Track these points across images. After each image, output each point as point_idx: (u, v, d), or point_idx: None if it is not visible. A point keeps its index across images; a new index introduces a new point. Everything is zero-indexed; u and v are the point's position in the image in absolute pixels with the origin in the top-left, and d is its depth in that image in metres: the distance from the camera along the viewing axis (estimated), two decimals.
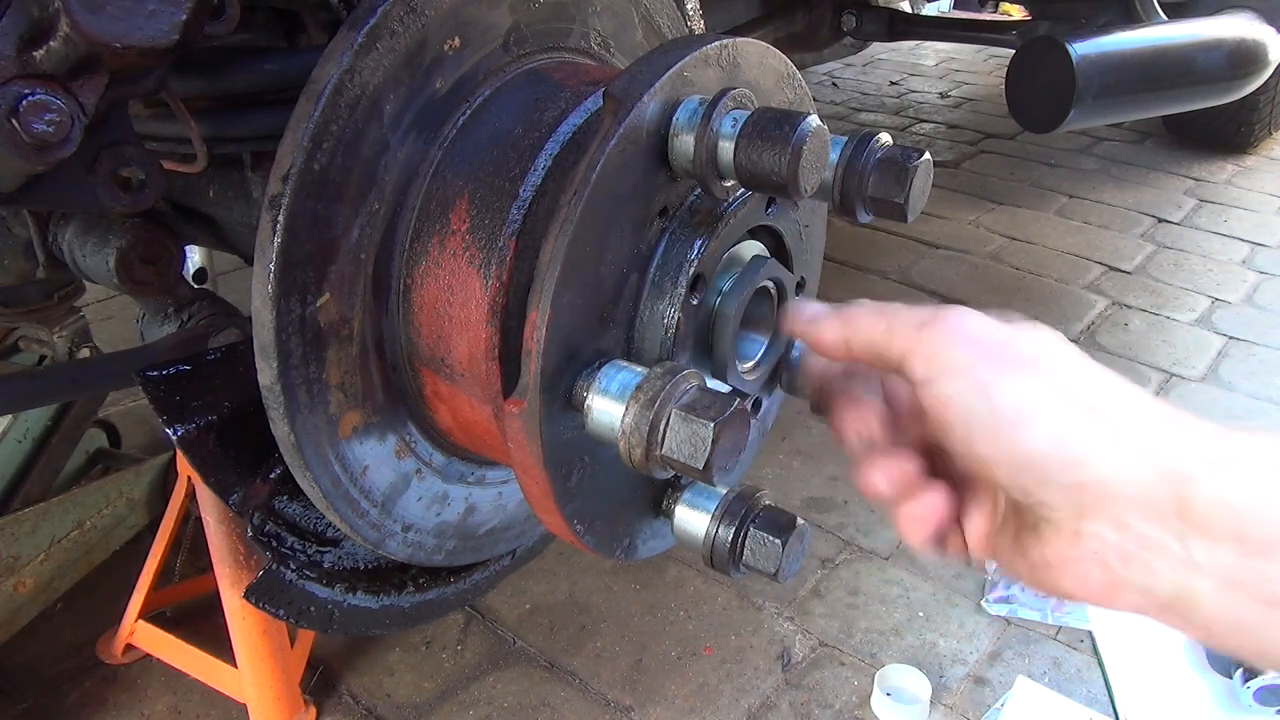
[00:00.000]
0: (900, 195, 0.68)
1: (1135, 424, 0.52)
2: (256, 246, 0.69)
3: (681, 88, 0.65)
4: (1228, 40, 2.57)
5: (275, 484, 0.88)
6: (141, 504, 1.95)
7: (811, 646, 1.93)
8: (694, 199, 0.70)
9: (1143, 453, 0.51)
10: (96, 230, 1.09)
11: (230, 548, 1.52)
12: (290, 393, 0.72)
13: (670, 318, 0.69)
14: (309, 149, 0.68)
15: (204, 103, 0.89)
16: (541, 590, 2.03)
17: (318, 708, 1.75)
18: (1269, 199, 4.17)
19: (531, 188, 0.74)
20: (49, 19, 0.61)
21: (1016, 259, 3.59)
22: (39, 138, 0.64)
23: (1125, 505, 0.51)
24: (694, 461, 0.59)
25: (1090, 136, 4.79)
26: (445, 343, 0.77)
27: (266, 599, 0.88)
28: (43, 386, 1.26)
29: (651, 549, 0.77)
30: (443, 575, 1.03)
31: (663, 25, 0.96)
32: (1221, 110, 3.74)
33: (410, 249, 0.77)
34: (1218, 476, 0.49)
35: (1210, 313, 3.26)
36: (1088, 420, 0.52)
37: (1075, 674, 1.88)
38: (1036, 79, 2.37)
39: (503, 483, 0.95)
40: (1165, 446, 0.51)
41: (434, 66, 0.74)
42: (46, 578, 1.77)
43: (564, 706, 1.78)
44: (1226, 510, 0.48)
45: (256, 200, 0.97)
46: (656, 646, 1.91)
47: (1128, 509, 0.51)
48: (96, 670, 1.82)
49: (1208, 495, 0.49)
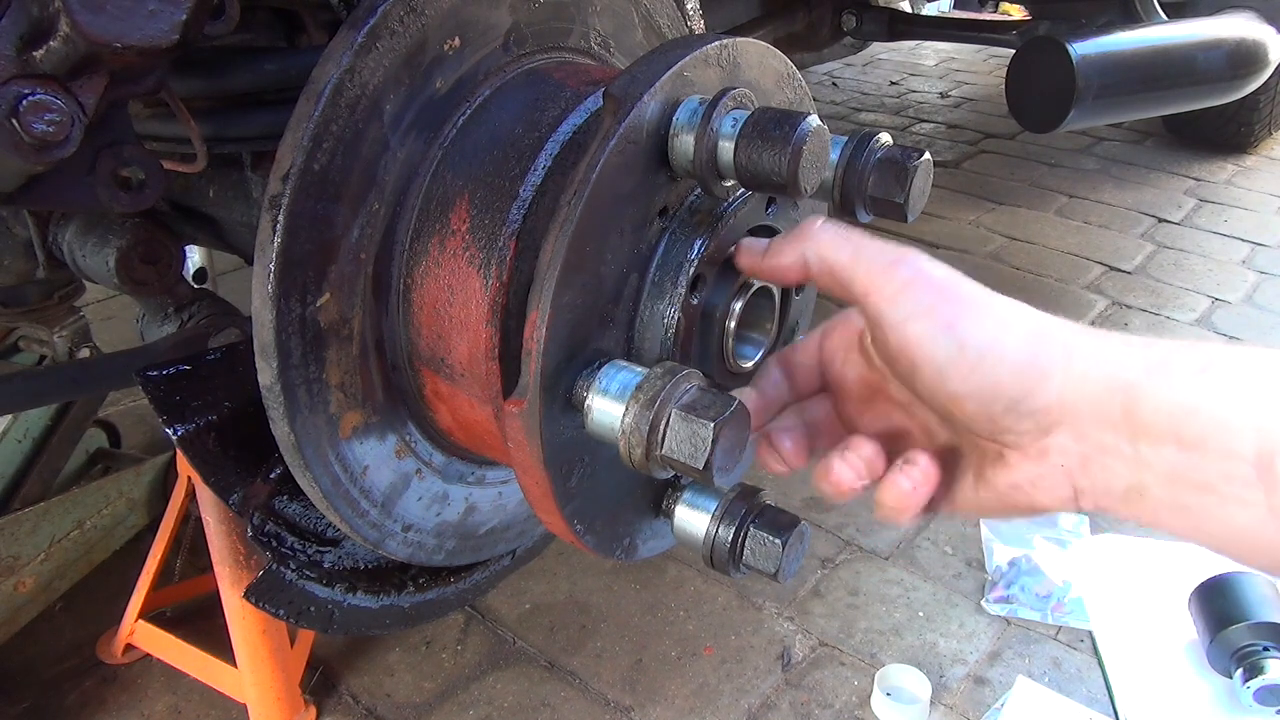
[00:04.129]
0: (900, 195, 0.68)
1: (1083, 345, 0.58)
2: (256, 246, 0.69)
3: (681, 88, 0.65)
4: (1228, 40, 2.57)
5: (275, 484, 0.88)
6: (141, 504, 1.95)
7: (811, 646, 1.93)
8: (694, 199, 0.70)
9: (1091, 369, 0.57)
10: (96, 230, 1.09)
11: (230, 548, 1.52)
12: (290, 393, 0.72)
13: (670, 318, 0.69)
14: (309, 149, 0.68)
15: (204, 103, 0.89)
16: (541, 590, 2.03)
17: (318, 708, 1.75)
18: (1269, 199, 4.16)
19: (531, 188, 0.74)
20: (49, 19, 0.61)
21: (1016, 259, 3.59)
22: (39, 138, 0.64)
23: (1083, 418, 0.58)
24: (694, 461, 0.59)
25: (1090, 136, 4.79)
26: (445, 343, 0.77)
27: (266, 599, 0.88)
28: (43, 386, 1.26)
29: (651, 549, 0.77)
30: (443, 575, 1.03)
31: (663, 25, 0.96)
32: (1221, 110, 3.74)
33: (410, 249, 0.77)
34: (1155, 384, 0.55)
35: (1210, 313, 3.26)
36: (1044, 347, 0.58)
37: (1075, 674, 1.88)
38: (1036, 79, 2.37)
39: (503, 483, 0.95)
40: (1110, 361, 0.57)
41: (434, 66, 0.74)
42: (46, 578, 1.77)
43: (564, 706, 1.78)
44: (1165, 415, 0.55)
45: (256, 200, 0.97)
46: (656, 646, 1.91)
47: (1085, 421, 0.58)
48: (96, 670, 1.82)
49: (1149, 402, 0.55)
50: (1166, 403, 0.55)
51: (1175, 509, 0.57)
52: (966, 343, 0.58)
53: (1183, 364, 0.55)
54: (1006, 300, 0.61)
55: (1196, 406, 0.54)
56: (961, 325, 0.59)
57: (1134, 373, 0.56)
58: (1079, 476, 0.60)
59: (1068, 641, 1.95)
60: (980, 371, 0.58)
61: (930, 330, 0.59)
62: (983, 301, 0.60)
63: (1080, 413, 0.57)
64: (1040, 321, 0.60)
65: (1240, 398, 0.53)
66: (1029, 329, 0.59)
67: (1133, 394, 0.56)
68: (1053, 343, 0.58)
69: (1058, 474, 0.60)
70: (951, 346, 0.59)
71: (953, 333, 0.59)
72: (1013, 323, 0.59)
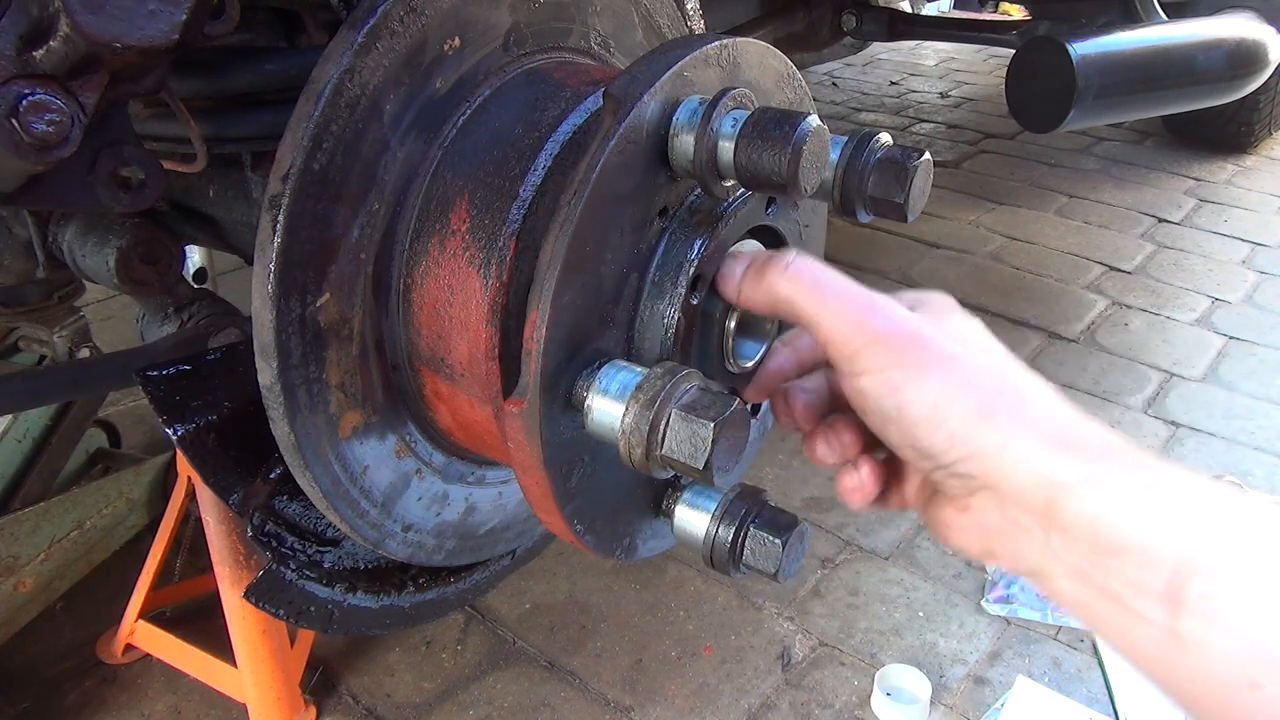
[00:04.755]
0: (900, 195, 0.68)
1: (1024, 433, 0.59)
2: (256, 246, 0.69)
3: (681, 88, 0.65)
4: (1228, 40, 2.57)
5: (275, 484, 0.88)
6: (141, 504, 1.95)
7: (811, 646, 1.93)
8: (694, 199, 0.70)
9: (1024, 462, 0.58)
10: (96, 230, 1.09)
11: (230, 548, 1.52)
12: (290, 393, 0.72)
13: (670, 318, 0.69)
14: (309, 149, 0.68)
15: (204, 103, 0.89)
16: (541, 590, 2.03)
17: (318, 708, 1.75)
18: (1269, 199, 4.17)
19: (532, 187, 0.74)
20: (49, 19, 0.61)
21: (1016, 259, 3.59)
22: (39, 138, 0.63)
23: (1004, 498, 0.60)
24: (694, 461, 0.59)
25: (1090, 136, 4.79)
26: (445, 343, 0.77)
27: (266, 599, 0.88)
28: (43, 386, 1.26)
29: (651, 549, 0.77)
30: (443, 575, 1.03)
31: (663, 25, 0.96)
32: (1221, 110, 3.74)
33: (410, 249, 0.77)
34: (1084, 491, 0.57)
35: (1210, 313, 3.26)
36: (982, 426, 0.59)
37: (1075, 674, 1.88)
38: (1036, 79, 2.37)
39: (503, 483, 0.95)
40: (1045, 460, 0.58)
41: (434, 66, 0.74)
42: (46, 578, 1.77)
43: (564, 706, 1.78)
44: (1086, 519, 0.56)
45: (256, 200, 0.97)
46: (656, 646, 1.91)
47: (1005, 500, 0.60)
48: (96, 670, 1.82)
49: (1074, 506, 0.57)
50: (1091, 509, 0.56)
51: (1077, 603, 0.59)
52: (906, 410, 0.60)
53: (1117, 478, 0.56)
54: (982, 364, 0.61)
55: (1119, 519, 0.55)
56: (906, 391, 0.60)
57: (1065, 476, 0.57)
58: (994, 541, 0.63)
59: (1068, 641, 1.95)
60: (914, 434, 0.61)
61: (876, 388, 0.61)
62: (947, 361, 0.60)
63: (1003, 492, 0.60)
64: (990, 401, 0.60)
65: (1166, 519, 0.54)
66: (973, 407, 0.59)
67: (1059, 494, 0.57)
68: (993, 428, 0.59)
69: (974, 530, 0.64)
70: (892, 408, 0.61)
71: (896, 397, 0.60)
72: (960, 396, 0.60)
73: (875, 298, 0.63)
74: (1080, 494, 0.56)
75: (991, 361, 0.62)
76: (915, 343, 0.61)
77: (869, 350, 0.61)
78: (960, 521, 0.65)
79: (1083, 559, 0.57)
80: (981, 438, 0.59)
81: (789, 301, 0.64)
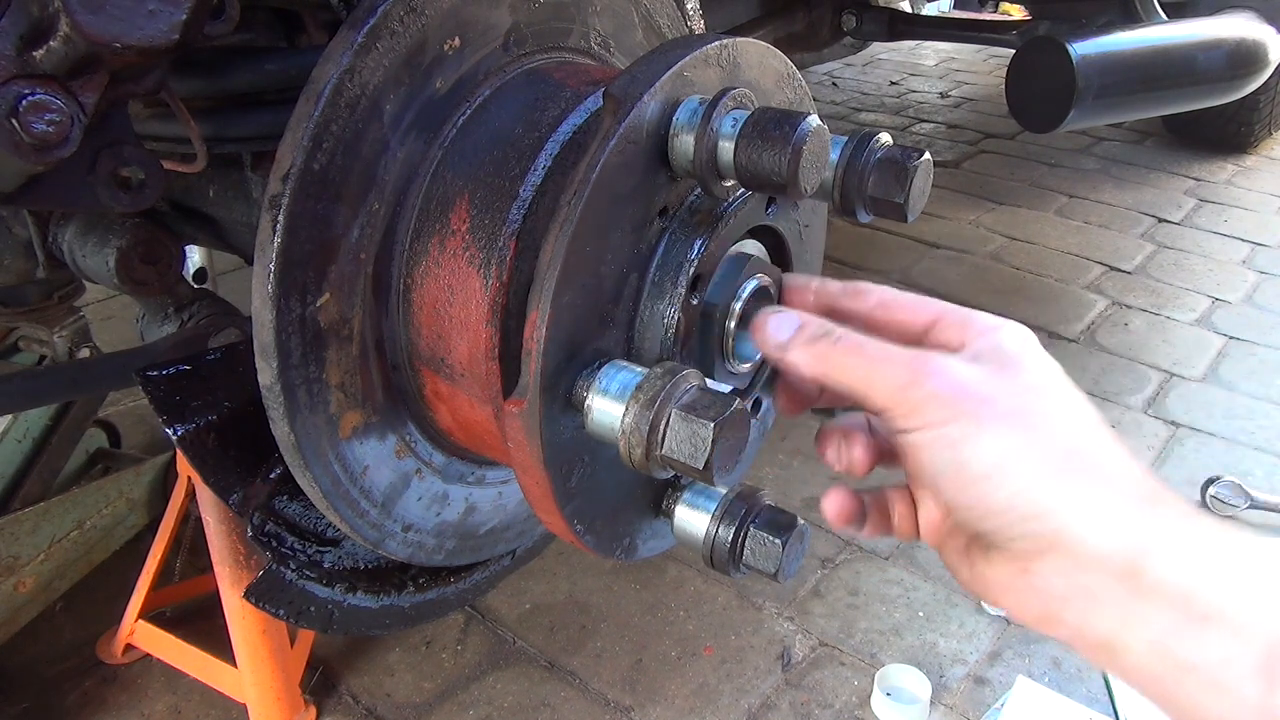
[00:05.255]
0: (900, 195, 0.68)
1: (1104, 490, 0.55)
2: (256, 246, 0.69)
3: (681, 88, 0.65)
4: (1228, 40, 2.57)
5: (275, 484, 0.88)
6: (141, 504, 1.95)
7: (811, 646, 1.93)
8: (694, 199, 0.70)
9: (1107, 521, 0.55)
10: (96, 230, 1.09)
11: (230, 548, 1.52)
12: (290, 393, 0.72)
13: (670, 318, 0.69)
14: (309, 149, 0.68)
15: (204, 103, 0.89)
16: (541, 590, 2.03)
17: (318, 708, 1.75)
18: (1269, 199, 4.17)
19: (531, 187, 0.74)
20: (49, 19, 0.61)
21: (1016, 259, 3.59)
22: (39, 138, 0.64)
23: (1079, 560, 0.55)
24: (694, 461, 0.59)
25: (1090, 136, 4.79)
26: (445, 343, 0.77)
27: (266, 599, 0.88)
28: (43, 386, 1.26)
29: (651, 549, 0.77)
30: (443, 575, 1.03)
31: (663, 25, 0.96)
32: (1221, 110, 3.74)
33: (410, 249, 0.77)
34: (1171, 550, 0.53)
35: (1210, 312, 3.26)
36: (1054, 482, 0.56)
37: (1075, 674, 1.88)
38: (1036, 79, 2.37)
39: (503, 483, 0.95)
40: (1131, 519, 0.54)
41: (434, 66, 0.74)
42: (46, 577, 1.77)
43: (564, 706, 1.78)
44: (1175, 583, 0.53)
45: (256, 200, 0.97)
46: (656, 646, 1.91)
47: (1081, 563, 0.55)
48: (96, 670, 1.82)
49: (1162, 567, 0.53)
50: (1182, 573, 0.53)
51: (1151, 678, 0.55)
52: (966, 465, 0.57)
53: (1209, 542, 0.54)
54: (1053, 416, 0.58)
55: (1211, 583, 0.52)
56: (967, 447, 0.57)
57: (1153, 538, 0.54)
58: (1058, 608, 0.58)
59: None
60: (971, 491, 0.57)
61: (932, 442, 0.58)
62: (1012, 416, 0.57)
63: (1079, 555, 0.55)
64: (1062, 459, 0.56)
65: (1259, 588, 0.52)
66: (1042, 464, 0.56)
67: (1146, 557, 0.54)
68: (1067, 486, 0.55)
69: (1033, 595, 0.59)
70: (950, 463, 0.57)
71: (955, 451, 0.57)
72: (1027, 453, 0.56)
73: (930, 355, 0.60)
74: (1170, 557, 0.53)
75: (1063, 416, 0.58)
76: (972, 398, 0.58)
77: (925, 407, 0.58)
78: (1017, 584, 0.59)
79: (1167, 629, 0.53)
80: (1052, 497, 0.55)
81: (840, 370, 0.62)
